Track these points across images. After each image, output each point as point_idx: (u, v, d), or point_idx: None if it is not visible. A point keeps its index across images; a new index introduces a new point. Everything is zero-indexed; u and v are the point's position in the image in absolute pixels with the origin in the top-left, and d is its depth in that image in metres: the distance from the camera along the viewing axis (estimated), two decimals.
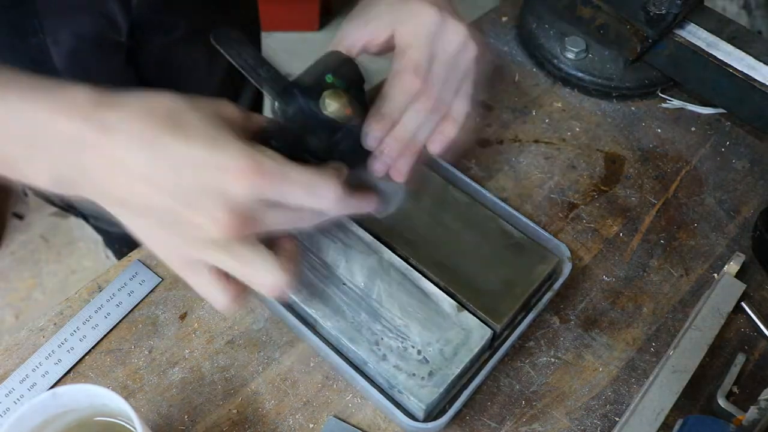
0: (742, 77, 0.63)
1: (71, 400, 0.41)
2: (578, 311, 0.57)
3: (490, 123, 0.70)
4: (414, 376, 0.48)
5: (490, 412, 0.52)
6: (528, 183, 0.65)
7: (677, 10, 0.64)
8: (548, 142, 0.68)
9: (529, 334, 0.55)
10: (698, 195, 0.65)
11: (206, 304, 0.56)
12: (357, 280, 0.52)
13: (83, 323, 0.54)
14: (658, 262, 0.61)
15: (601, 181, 0.66)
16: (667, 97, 0.72)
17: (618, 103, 0.72)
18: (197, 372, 0.52)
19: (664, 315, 0.57)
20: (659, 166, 0.67)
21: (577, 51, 0.71)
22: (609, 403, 0.52)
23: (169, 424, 0.50)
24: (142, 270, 0.57)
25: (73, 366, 0.52)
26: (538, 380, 0.53)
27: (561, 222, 0.63)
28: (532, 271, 0.54)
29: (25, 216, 1.59)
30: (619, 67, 0.71)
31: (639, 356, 0.55)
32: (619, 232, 0.62)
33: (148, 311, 0.55)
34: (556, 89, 0.73)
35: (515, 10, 0.79)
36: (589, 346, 0.55)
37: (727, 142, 0.69)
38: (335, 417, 0.51)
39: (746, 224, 0.63)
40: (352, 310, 0.51)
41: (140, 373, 0.52)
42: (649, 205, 0.64)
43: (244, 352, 0.53)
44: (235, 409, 0.51)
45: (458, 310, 0.51)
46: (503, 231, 0.56)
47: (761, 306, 0.58)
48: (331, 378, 0.52)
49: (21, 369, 0.51)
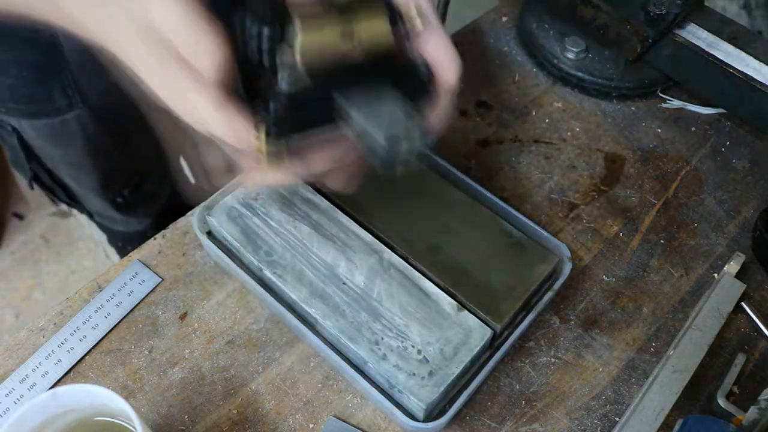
0: (742, 77, 0.63)
1: (71, 400, 0.41)
2: (578, 311, 0.57)
3: (490, 123, 0.70)
4: (414, 375, 0.48)
5: (490, 412, 0.52)
6: (528, 183, 0.65)
7: (677, 10, 0.64)
8: (548, 142, 0.68)
9: (529, 334, 0.55)
10: (698, 195, 0.65)
11: (206, 304, 0.56)
12: (357, 280, 0.52)
13: (83, 323, 0.54)
14: (658, 262, 0.61)
15: (601, 181, 0.66)
16: (667, 97, 0.72)
17: (618, 103, 0.72)
18: (197, 372, 0.52)
19: (664, 315, 0.57)
20: (659, 166, 0.67)
21: (577, 51, 0.71)
22: (609, 403, 0.52)
23: (169, 424, 0.50)
24: (142, 270, 0.57)
25: (73, 366, 0.52)
26: (538, 380, 0.53)
27: (561, 222, 0.63)
28: (532, 271, 0.54)
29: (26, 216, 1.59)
30: (619, 67, 0.71)
31: (639, 356, 0.55)
32: (619, 232, 0.62)
33: (148, 311, 0.55)
34: (556, 89, 0.73)
35: (515, 10, 0.79)
36: (589, 346, 0.55)
37: (727, 142, 0.69)
38: (335, 417, 0.51)
39: (746, 224, 0.63)
40: (352, 310, 0.51)
41: (140, 373, 0.52)
42: (649, 205, 0.64)
43: (244, 352, 0.53)
44: (235, 409, 0.51)
45: (458, 309, 0.51)
46: (503, 231, 0.56)
47: (761, 306, 0.58)
48: (331, 378, 0.53)
49: (21, 369, 0.51)
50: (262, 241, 0.54)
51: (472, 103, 0.71)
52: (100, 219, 0.95)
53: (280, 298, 0.53)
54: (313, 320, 0.51)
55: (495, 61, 0.75)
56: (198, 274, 0.57)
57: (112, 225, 0.97)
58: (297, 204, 0.56)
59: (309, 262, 0.53)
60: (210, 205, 0.57)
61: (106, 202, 0.85)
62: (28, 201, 1.60)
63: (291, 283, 0.52)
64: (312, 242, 0.54)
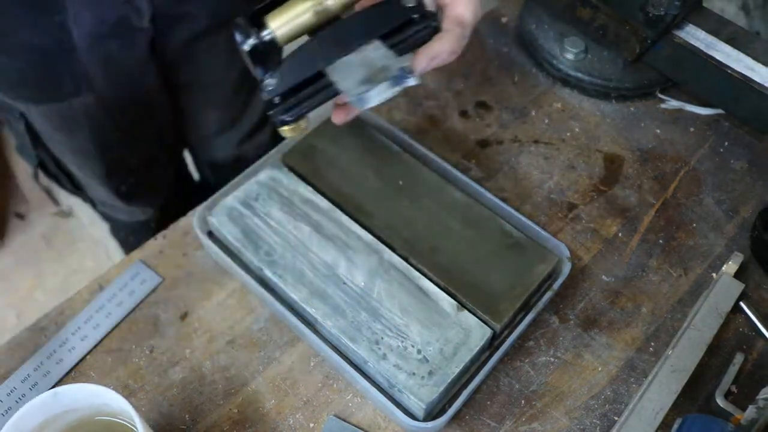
0: (741, 78, 0.64)
1: (72, 400, 0.41)
2: (577, 311, 0.57)
3: (490, 123, 0.70)
4: (414, 375, 0.48)
5: (490, 411, 0.52)
6: (527, 183, 0.65)
7: (676, 11, 0.64)
8: (548, 142, 0.69)
9: (529, 334, 0.56)
10: (697, 195, 0.66)
11: (207, 304, 0.56)
12: (357, 280, 0.52)
13: (84, 323, 0.54)
14: (657, 262, 0.61)
15: (600, 182, 0.66)
16: (666, 97, 0.73)
17: (617, 103, 0.72)
18: (198, 371, 0.53)
19: (663, 315, 0.58)
20: (658, 167, 0.67)
21: (577, 52, 0.71)
22: (608, 403, 0.53)
23: (169, 423, 0.50)
24: (143, 270, 0.57)
25: (75, 366, 0.52)
26: (537, 380, 0.53)
27: (560, 222, 0.63)
28: (531, 271, 0.54)
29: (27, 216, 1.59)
30: (618, 67, 0.71)
31: (638, 356, 0.55)
32: (618, 232, 0.63)
33: (149, 311, 0.55)
34: (555, 90, 0.73)
35: (515, 11, 0.80)
36: (589, 345, 0.55)
37: (726, 143, 0.70)
38: (335, 416, 0.51)
39: (745, 224, 0.64)
40: (352, 310, 0.51)
41: (141, 372, 0.52)
42: (648, 205, 0.65)
43: (244, 352, 0.54)
44: (236, 409, 0.51)
45: (458, 309, 0.51)
46: (503, 231, 0.56)
47: (759, 306, 0.58)
48: (331, 377, 0.53)
49: (22, 369, 0.52)
50: (262, 241, 0.54)
51: (472, 104, 0.71)
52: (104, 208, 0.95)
53: (280, 298, 0.53)
54: (313, 320, 0.52)
55: (495, 61, 0.75)
56: (198, 274, 0.57)
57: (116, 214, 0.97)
58: (297, 204, 0.57)
59: (309, 262, 0.53)
60: (211, 205, 0.57)
61: (110, 191, 0.85)
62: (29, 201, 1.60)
63: (291, 283, 0.52)
64: (312, 242, 0.54)
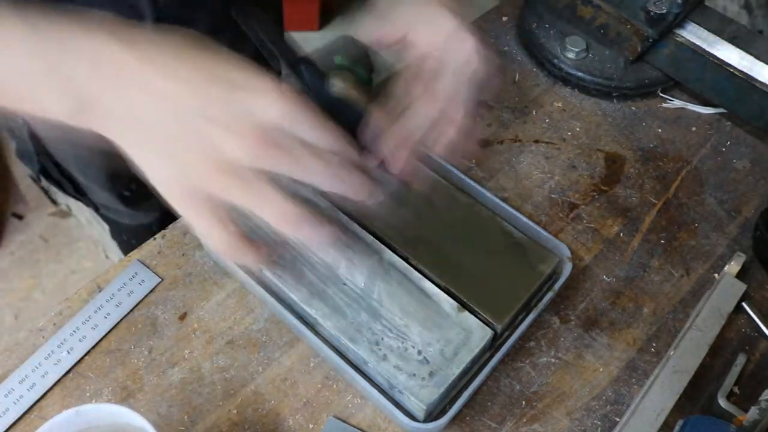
0: (743, 77, 0.63)
1: (94, 419, 0.42)
2: (579, 311, 0.57)
3: (490, 123, 0.70)
4: (414, 376, 0.48)
5: (491, 412, 0.52)
6: (528, 183, 0.65)
7: (678, 9, 0.64)
8: (548, 142, 0.68)
9: (530, 335, 0.55)
10: (699, 195, 0.65)
11: (206, 304, 0.56)
12: (357, 280, 0.52)
13: (83, 323, 0.54)
14: (658, 262, 0.60)
15: (601, 181, 0.66)
16: (668, 96, 0.72)
17: (618, 102, 0.72)
18: (197, 372, 0.52)
19: (665, 315, 0.57)
20: (660, 166, 0.67)
21: (578, 51, 0.71)
22: (609, 404, 0.52)
23: (168, 424, 0.50)
24: (141, 270, 0.57)
25: (73, 366, 0.52)
26: (538, 380, 0.53)
27: (561, 222, 0.63)
28: (532, 271, 0.54)
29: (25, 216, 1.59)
30: (620, 66, 0.71)
31: (639, 356, 0.55)
32: (620, 232, 0.62)
33: (148, 311, 0.55)
34: (556, 89, 0.73)
35: (515, 10, 0.79)
36: (590, 346, 0.55)
37: (728, 142, 0.69)
38: (335, 417, 0.51)
39: (747, 224, 0.63)
40: (352, 310, 0.51)
41: (140, 373, 0.52)
42: (650, 205, 0.64)
43: (243, 353, 0.53)
44: (235, 410, 0.51)
45: (459, 310, 0.51)
46: (503, 231, 0.56)
47: (762, 306, 0.58)
48: (331, 378, 0.52)
49: (20, 369, 0.51)
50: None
51: None
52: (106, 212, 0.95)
53: (279, 299, 0.53)
54: (313, 321, 0.51)
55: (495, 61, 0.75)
56: (198, 274, 0.57)
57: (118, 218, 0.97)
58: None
59: (309, 262, 0.53)
60: None
61: (114, 196, 0.85)
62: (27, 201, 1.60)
63: (291, 283, 0.52)
64: None
